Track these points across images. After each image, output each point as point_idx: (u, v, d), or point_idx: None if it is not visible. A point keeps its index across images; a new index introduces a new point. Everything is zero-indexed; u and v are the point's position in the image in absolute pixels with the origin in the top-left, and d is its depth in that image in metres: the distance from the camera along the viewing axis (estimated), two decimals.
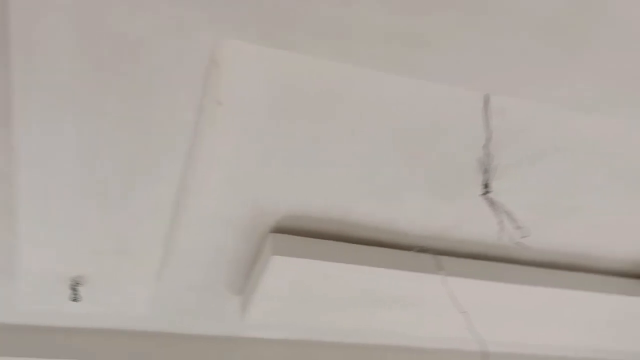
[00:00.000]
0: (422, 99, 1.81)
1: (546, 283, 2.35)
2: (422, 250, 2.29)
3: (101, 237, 1.89)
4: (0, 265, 2.12)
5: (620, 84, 1.69)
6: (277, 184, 2.02)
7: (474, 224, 2.23)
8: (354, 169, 2.02)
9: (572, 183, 2.13)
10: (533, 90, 1.72)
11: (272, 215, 2.13)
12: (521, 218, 2.07)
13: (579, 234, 2.36)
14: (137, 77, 1.52)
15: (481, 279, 2.24)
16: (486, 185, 2.02)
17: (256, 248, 2.23)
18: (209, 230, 2.09)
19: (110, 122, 1.60)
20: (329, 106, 1.80)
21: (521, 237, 1.99)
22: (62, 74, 1.45)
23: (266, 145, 1.88)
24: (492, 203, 2.02)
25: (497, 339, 2.48)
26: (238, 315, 2.40)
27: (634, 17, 1.53)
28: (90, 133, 1.61)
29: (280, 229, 2.18)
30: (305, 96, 1.75)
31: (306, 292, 2.26)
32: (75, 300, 2.08)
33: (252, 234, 2.19)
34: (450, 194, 2.14)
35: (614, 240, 2.44)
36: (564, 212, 2.23)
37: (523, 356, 2.84)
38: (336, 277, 2.20)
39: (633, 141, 2.02)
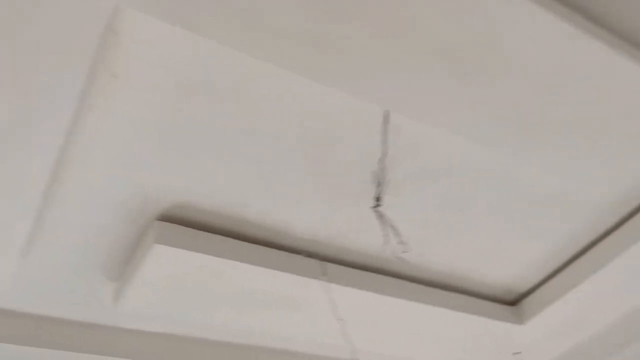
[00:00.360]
0: (326, 104, 1.83)
1: (423, 299, 2.44)
2: (310, 255, 2.31)
3: None
4: None
5: (507, 119, 1.80)
6: (170, 171, 1.95)
7: (362, 235, 2.27)
8: (252, 166, 1.99)
9: (457, 207, 2.23)
10: (428, 113, 1.79)
11: (160, 202, 2.05)
12: (406, 234, 2.14)
13: (459, 256, 2.48)
14: (24, 33, 1.41)
15: (362, 289, 2.29)
16: (378, 199, 2.08)
17: (140, 234, 2.14)
18: (89, 209, 1.98)
19: None
20: (233, 98, 1.76)
21: (402, 252, 2.06)
22: None
23: (162, 129, 1.81)
24: (380, 216, 2.08)
25: (370, 349, 2.53)
26: (111, 302, 2.28)
27: (526, 56, 1.64)
28: None
29: (168, 218, 2.10)
30: (210, 85, 1.71)
31: (187, 285, 2.19)
32: None
33: (137, 219, 2.09)
34: (344, 202, 2.17)
35: (489, 266, 2.59)
36: (446, 233, 2.34)
37: None
38: (220, 273, 2.15)
39: (518, 175, 2.15)
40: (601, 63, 1.66)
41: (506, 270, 2.62)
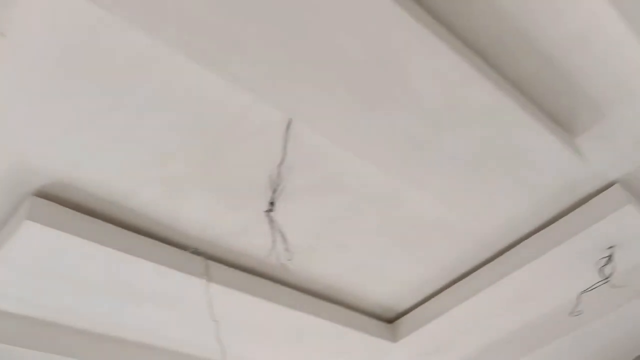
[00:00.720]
0: (233, 102, 1.80)
1: (303, 308, 2.46)
2: (196, 252, 2.26)
3: None
4: None
5: (401, 145, 1.87)
6: (53, 145, 1.83)
7: (251, 238, 2.26)
8: (145, 152, 1.92)
9: (346, 222, 2.28)
10: (328, 128, 1.81)
11: (40, 177, 1.92)
12: (294, 242, 2.16)
13: (343, 271, 2.53)
14: None
15: (242, 292, 2.27)
16: (272, 204, 2.08)
17: (12, 208, 1.99)
18: None
19: None
20: (130, 80, 1.69)
21: (287, 259, 2.06)
22: None
23: (48, 100, 1.69)
24: (271, 221, 2.08)
25: (242, 353, 2.52)
26: None
27: (426, 90, 1.71)
28: None
29: (46, 195, 1.97)
30: (107, 61, 1.63)
31: (57, 268, 2.06)
32: None
33: (11, 191, 1.95)
34: (237, 203, 2.15)
35: (372, 283, 2.66)
36: (334, 247, 2.38)
37: None
38: (95, 260, 2.05)
39: (407, 200, 2.23)
40: (491, 104, 1.77)
41: (388, 288, 2.70)
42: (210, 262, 2.25)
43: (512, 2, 1.62)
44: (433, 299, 2.75)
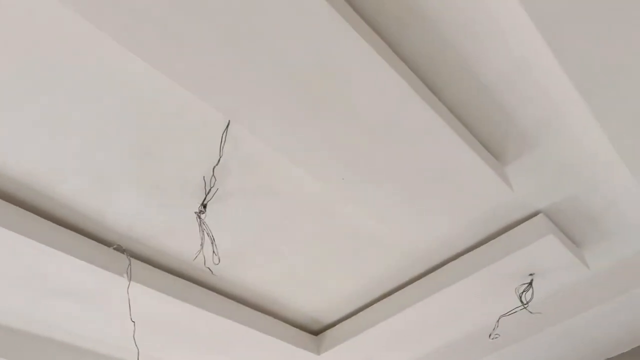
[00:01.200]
0: (171, 97, 1.76)
1: (227, 314, 2.41)
2: (120, 249, 2.18)
3: None
4: None
5: (339, 157, 1.88)
6: None
7: (180, 239, 2.20)
8: (73, 142, 1.83)
9: (279, 230, 2.26)
10: (266, 132, 1.80)
11: None
12: (223, 246, 2.12)
13: (273, 279, 2.51)
14: None
15: (165, 294, 2.20)
16: (204, 206, 2.04)
17: None
18: None
19: None
20: (62, 63, 1.62)
21: (214, 263, 2.02)
22: None
23: None
24: (202, 223, 2.04)
25: (158, 356, 2.44)
26: None
27: (367, 105, 1.73)
28: None
29: None
30: (40, 42, 1.56)
31: None
32: None
33: None
34: (168, 202, 2.09)
35: (300, 294, 2.65)
36: (263, 254, 2.35)
37: None
38: (9, 249, 1.94)
39: (342, 212, 2.23)
40: (427, 126, 1.80)
41: (317, 299, 2.70)
42: (134, 261, 2.18)
43: (452, 31, 1.66)
44: (359, 314, 2.76)
